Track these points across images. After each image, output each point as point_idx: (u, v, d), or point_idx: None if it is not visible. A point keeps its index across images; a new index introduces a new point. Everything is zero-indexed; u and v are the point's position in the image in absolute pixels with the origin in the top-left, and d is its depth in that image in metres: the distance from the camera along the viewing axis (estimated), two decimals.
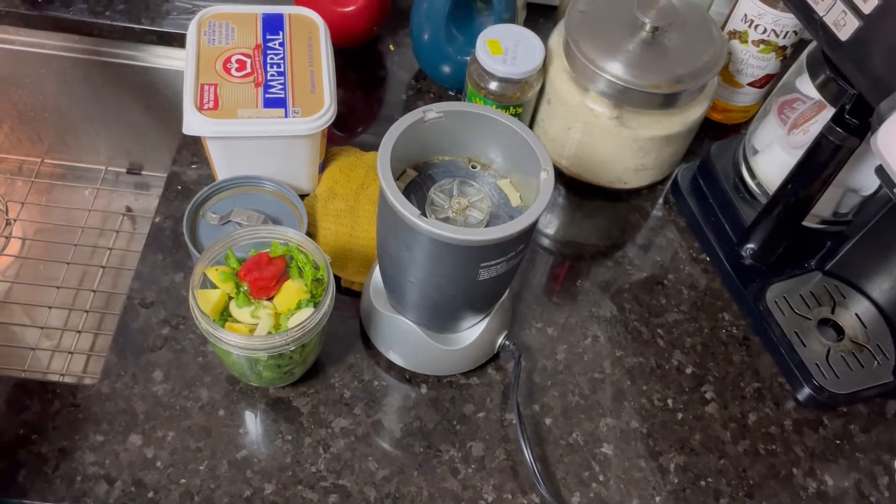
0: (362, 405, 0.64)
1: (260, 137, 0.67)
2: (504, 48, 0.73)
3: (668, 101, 0.72)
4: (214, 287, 0.57)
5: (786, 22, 0.76)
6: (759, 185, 0.74)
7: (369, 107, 0.86)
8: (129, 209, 1.04)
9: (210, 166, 0.72)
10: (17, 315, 0.95)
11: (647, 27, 0.71)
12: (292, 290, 0.57)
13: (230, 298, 0.57)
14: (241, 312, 0.57)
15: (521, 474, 0.62)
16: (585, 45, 0.71)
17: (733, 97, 0.85)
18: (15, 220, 0.99)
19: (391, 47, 0.90)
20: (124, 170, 1.06)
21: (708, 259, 0.77)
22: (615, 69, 0.70)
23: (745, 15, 0.78)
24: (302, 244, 0.59)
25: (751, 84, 0.83)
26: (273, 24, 0.73)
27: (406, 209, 0.50)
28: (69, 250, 0.97)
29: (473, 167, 0.60)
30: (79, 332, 0.91)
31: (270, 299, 0.58)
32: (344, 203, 0.72)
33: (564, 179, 0.81)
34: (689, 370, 0.70)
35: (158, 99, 0.95)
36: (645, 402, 0.67)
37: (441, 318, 0.62)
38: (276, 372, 0.60)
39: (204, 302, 0.56)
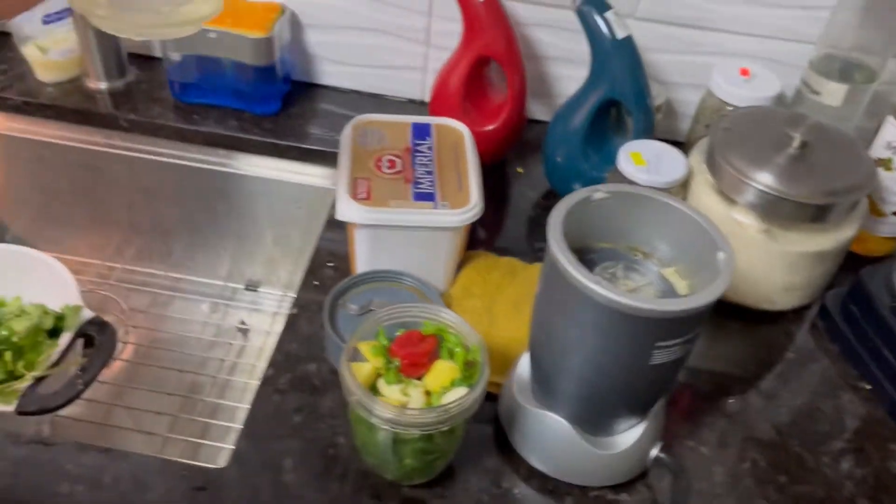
0: None
1: (408, 227, 0.67)
2: (646, 160, 0.73)
3: (819, 215, 0.70)
4: (364, 361, 0.55)
5: None
6: None
7: (498, 221, 0.86)
8: (242, 323, 1.04)
9: (349, 260, 0.72)
10: (123, 419, 0.93)
11: (796, 142, 0.70)
12: (444, 370, 0.54)
13: (378, 376, 0.55)
14: (390, 390, 0.54)
15: None
16: (732, 156, 0.71)
17: (876, 227, 0.82)
18: (134, 328, 1.01)
19: (519, 170, 0.92)
20: (242, 286, 1.07)
21: (869, 387, 0.71)
22: (765, 179, 0.69)
23: (889, 142, 0.77)
24: (454, 325, 0.57)
25: None
26: (421, 132, 0.76)
27: (584, 276, 0.48)
28: (181, 359, 0.96)
29: (635, 256, 0.58)
30: (184, 440, 0.88)
31: (420, 379, 0.55)
32: (480, 302, 0.71)
33: None
34: None
35: (287, 215, 0.98)
36: None
37: (597, 414, 0.57)
38: (420, 460, 0.55)
39: (355, 374, 0.53)
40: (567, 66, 0.93)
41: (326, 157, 0.91)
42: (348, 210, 0.66)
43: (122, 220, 1.03)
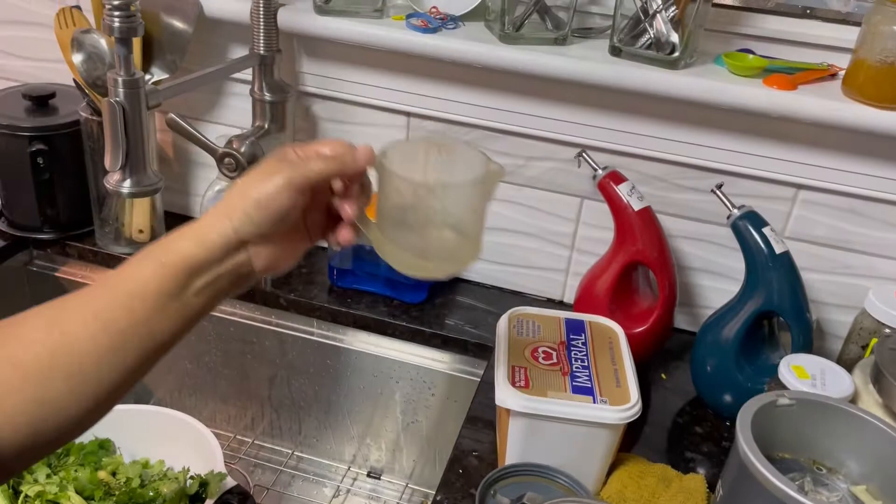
0: None
1: (566, 420, 0.66)
2: (811, 374, 0.71)
3: None
4: None
5: None
6: None
7: (640, 424, 0.84)
8: None
9: (498, 451, 0.71)
10: None
11: None
12: None
13: None
14: None
15: None
16: None
17: None
18: None
19: (663, 375, 0.91)
20: (364, 472, 1.07)
21: None
22: None
23: None
24: None
25: None
26: (575, 328, 0.78)
27: (787, 486, 0.45)
28: None
29: (819, 469, 0.55)
30: None
31: None
32: None
33: None
34: None
35: (420, 401, 0.99)
36: None
37: None
38: None
39: None
40: (711, 278, 0.95)
41: (466, 347, 0.94)
42: (508, 397, 0.67)
43: (260, 394, 1.06)
